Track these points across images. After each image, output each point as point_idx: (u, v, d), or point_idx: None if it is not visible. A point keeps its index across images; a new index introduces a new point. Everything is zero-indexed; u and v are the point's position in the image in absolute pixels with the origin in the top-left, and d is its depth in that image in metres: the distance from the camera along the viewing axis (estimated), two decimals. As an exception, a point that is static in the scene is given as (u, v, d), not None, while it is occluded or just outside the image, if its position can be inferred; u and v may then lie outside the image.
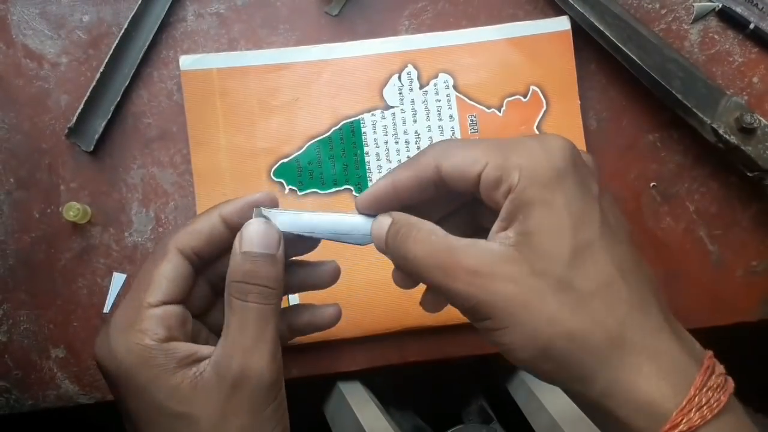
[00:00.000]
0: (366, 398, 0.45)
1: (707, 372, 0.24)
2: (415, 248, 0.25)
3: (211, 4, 0.45)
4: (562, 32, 0.44)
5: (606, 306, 0.24)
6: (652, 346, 0.24)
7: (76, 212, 0.42)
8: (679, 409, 0.23)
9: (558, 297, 0.24)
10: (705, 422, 0.23)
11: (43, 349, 0.44)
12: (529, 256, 0.24)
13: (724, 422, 0.23)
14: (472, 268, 0.24)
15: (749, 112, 0.41)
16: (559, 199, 0.24)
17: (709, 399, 0.23)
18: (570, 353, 0.24)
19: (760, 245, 0.45)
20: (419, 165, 0.27)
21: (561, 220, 0.24)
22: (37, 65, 0.44)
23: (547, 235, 0.24)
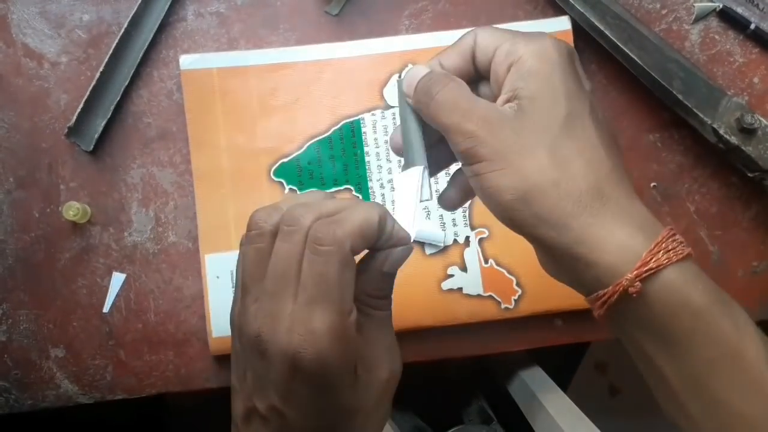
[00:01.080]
0: (366, 398, 0.45)
1: (671, 231, 0.27)
2: (444, 91, 0.29)
3: (211, 4, 0.45)
4: (562, 32, 0.44)
5: (589, 165, 0.27)
6: (626, 204, 0.28)
7: (76, 212, 0.42)
8: (648, 250, 0.26)
9: (550, 152, 0.27)
10: (670, 263, 0.26)
11: (42, 348, 0.43)
12: (530, 116, 0.28)
13: (687, 266, 0.27)
14: (484, 116, 0.28)
15: (750, 112, 0.41)
16: (558, 74, 0.28)
17: (675, 247, 0.26)
18: (551, 199, 0.27)
19: (760, 245, 0.45)
20: (462, 43, 0.31)
21: (557, 91, 0.28)
22: (37, 64, 0.44)
23: (544, 98, 0.28)
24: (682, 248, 0.27)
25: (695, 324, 0.27)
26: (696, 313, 0.26)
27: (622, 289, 0.26)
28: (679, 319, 0.27)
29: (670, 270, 0.26)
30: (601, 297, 0.27)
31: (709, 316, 0.27)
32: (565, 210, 0.27)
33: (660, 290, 0.26)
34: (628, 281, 0.26)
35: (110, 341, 0.43)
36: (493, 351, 0.44)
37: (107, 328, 0.44)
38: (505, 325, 0.43)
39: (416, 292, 0.43)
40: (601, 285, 0.27)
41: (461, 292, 0.43)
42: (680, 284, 0.26)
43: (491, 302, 0.43)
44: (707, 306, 0.27)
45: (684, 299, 0.26)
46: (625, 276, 0.26)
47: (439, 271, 0.43)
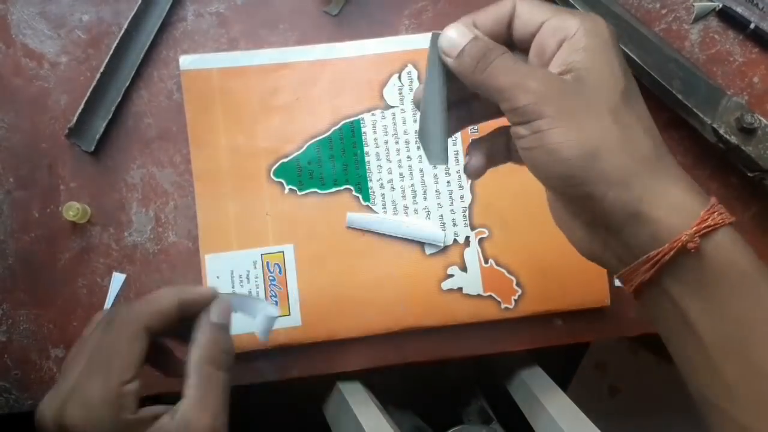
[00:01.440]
0: (366, 398, 0.45)
1: (716, 200, 0.28)
2: (502, 57, 0.29)
3: (211, 4, 0.45)
4: (562, 32, 0.44)
5: (647, 132, 0.28)
6: (677, 170, 0.28)
7: (76, 212, 0.42)
8: (705, 209, 0.27)
9: (614, 116, 0.28)
10: (723, 224, 0.27)
11: (42, 348, 0.43)
12: (591, 85, 0.28)
13: (733, 231, 0.27)
14: (546, 77, 0.28)
15: (749, 112, 0.41)
16: (612, 51, 0.29)
17: (724, 212, 0.27)
18: (617, 158, 0.27)
19: (760, 245, 0.45)
20: (500, 9, 0.31)
21: (614, 66, 0.28)
22: (37, 65, 0.44)
23: (604, 73, 0.28)
24: (728, 215, 0.27)
25: (742, 283, 0.27)
26: (744, 273, 0.27)
27: (681, 244, 0.27)
28: (728, 278, 0.27)
29: (723, 231, 0.27)
30: (652, 258, 0.27)
31: (754, 279, 0.27)
32: (630, 169, 0.27)
33: (713, 249, 0.27)
34: (687, 236, 0.26)
35: (110, 341, 0.44)
36: (493, 351, 0.44)
37: (107, 328, 0.44)
38: (505, 325, 0.43)
39: (416, 292, 0.43)
40: (657, 243, 0.27)
41: (461, 292, 0.43)
42: (731, 245, 0.27)
43: (491, 302, 0.43)
44: (754, 269, 0.27)
45: (734, 259, 0.27)
46: (683, 232, 0.27)
47: (439, 271, 0.43)
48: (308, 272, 0.43)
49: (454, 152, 0.44)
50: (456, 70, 0.30)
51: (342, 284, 0.43)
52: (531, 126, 0.28)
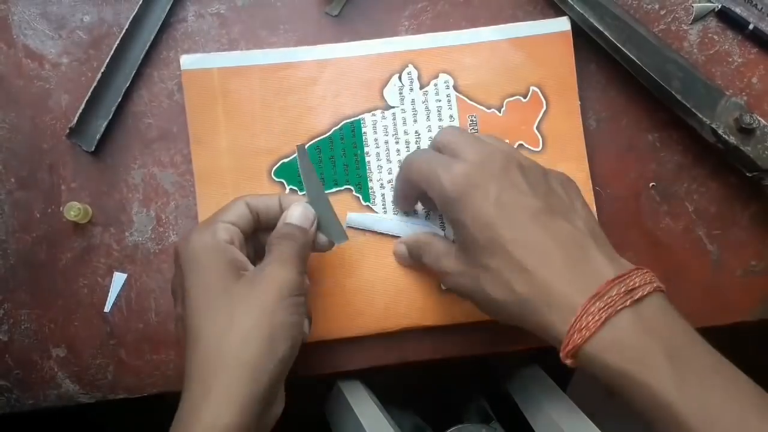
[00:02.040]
0: (366, 398, 0.45)
1: (591, 300, 0.30)
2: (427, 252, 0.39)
3: (211, 5, 0.45)
4: (562, 33, 0.44)
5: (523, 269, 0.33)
6: (557, 277, 0.32)
7: (77, 212, 0.42)
8: (566, 333, 0.31)
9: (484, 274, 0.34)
10: (584, 341, 0.30)
11: (43, 348, 0.44)
12: (464, 252, 0.35)
13: (609, 330, 0.30)
14: (446, 267, 0.37)
15: (748, 112, 0.41)
16: (467, 213, 0.34)
17: (594, 317, 0.30)
18: (514, 311, 0.33)
19: (759, 245, 0.45)
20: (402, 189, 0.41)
21: (469, 228, 0.34)
22: (38, 65, 0.44)
23: (463, 238, 0.35)
24: (602, 313, 0.30)
25: (620, 384, 0.30)
26: (617, 376, 0.30)
27: (564, 358, 0.31)
28: (609, 378, 0.31)
29: (588, 345, 0.30)
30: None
31: (628, 377, 0.30)
32: (516, 317, 0.34)
33: (586, 362, 0.31)
34: (562, 357, 0.31)
35: (111, 341, 0.44)
36: (493, 351, 0.44)
37: (108, 328, 0.44)
38: (505, 325, 0.43)
39: (416, 292, 0.43)
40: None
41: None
42: (596, 354, 0.30)
43: (491, 302, 0.43)
44: (624, 370, 0.30)
45: (604, 365, 0.30)
46: (560, 352, 0.31)
47: (439, 271, 0.43)
48: (308, 272, 0.43)
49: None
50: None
51: (342, 284, 0.43)
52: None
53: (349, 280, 0.43)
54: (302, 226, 0.37)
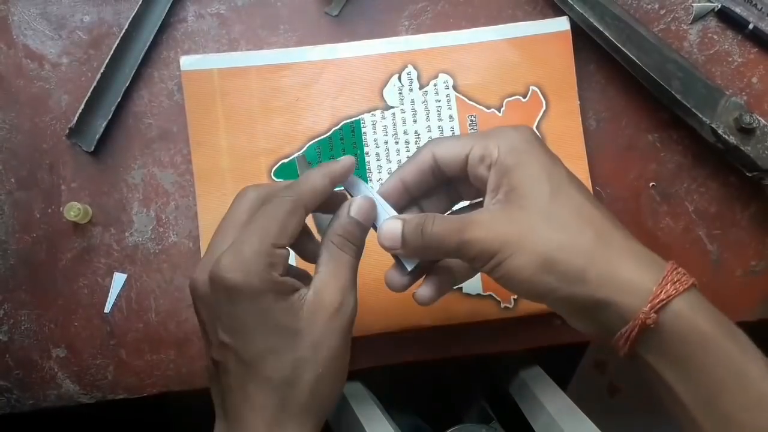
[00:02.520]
0: (366, 398, 0.45)
1: (674, 265, 0.30)
2: (433, 227, 0.32)
3: (211, 5, 0.45)
4: (561, 33, 0.44)
5: (584, 223, 0.31)
6: (626, 246, 0.31)
7: (77, 212, 0.42)
8: (657, 284, 0.29)
9: (547, 224, 0.31)
10: (678, 294, 0.29)
11: (43, 348, 0.44)
12: (518, 201, 0.31)
13: (693, 295, 0.30)
14: (479, 222, 0.31)
15: (748, 112, 0.41)
16: (533, 158, 0.32)
17: (680, 278, 0.30)
18: (564, 260, 0.30)
19: (759, 245, 0.45)
20: (419, 157, 0.34)
21: (536, 172, 0.31)
22: (38, 65, 0.44)
23: (528, 184, 0.31)
24: (686, 279, 0.30)
25: (704, 347, 0.29)
26: (703, 336, 0.29)
27: (641, 322, 0.29)
28: (690, 343, 0.30)
29: (678, 300, 0.29)
30: (624, 334, 0.30)
31: (715, 339, 0.29)
32: (578, 266, 0.30)
33: (672, 319, 0.29)
34: (644, 314, 0.29)
35: (111, 341, 0.44)
36: (493, 351, 0.44)
37: (108, 328, 0.44)
38: (504, 325, 0.44)
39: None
40: (624, 322, 0.30)
41: (461, 292, 0.43)
42: (688, 312, 0.29)
43: (491, 302, 0.43)
44: (713, 330, 0.29)
45: (693, 325, 0.29)
46: (640, 310, 0.29)
47: (438, 271, 0.43)
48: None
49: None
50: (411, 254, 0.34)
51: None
52: (489, 266, 0.31)
53: (349, 280, 0.43)
54: (365, 224, 0.34)
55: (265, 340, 0.31)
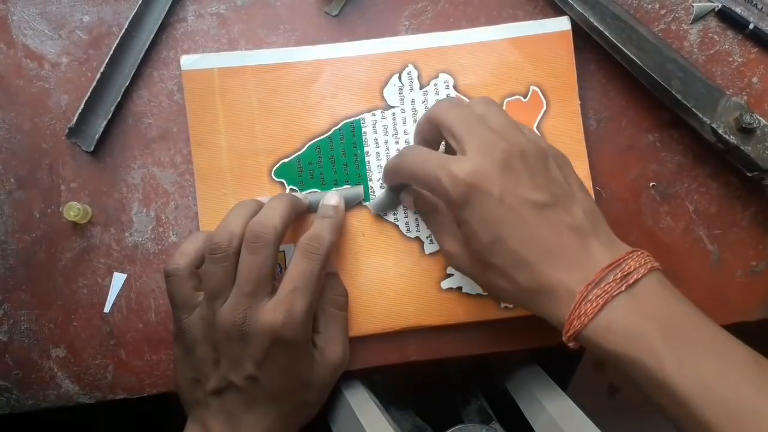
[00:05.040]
0: (366, 398, 0.45)
1: (588, 286, 0.32)
2: None
3: (211, 5, 0.45)
4: (562, 32, 0.44)
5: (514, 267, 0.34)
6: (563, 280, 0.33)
7: (77, 212, 0.42)
8: (566, 318, 0.32)
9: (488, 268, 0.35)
10: (583, 327, 0.32)
11: (43, 348, 0.44)
12: (467, 243, 0.36)
13: (603, 318, 0.32)
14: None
15: (749, 112, 0.41)
16: (471, 215, 0.34)
17: (589, 305, 0.32)
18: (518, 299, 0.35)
19: (759, 245, 0.45)
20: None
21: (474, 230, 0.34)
22: (37, 65, 0.44)
23: (468, 236, 0.35)
24: (597, 300, 0.32)
25: (618, 364, 0.32)
26: (614, 358, 0.32)
27: (565, 341, 0.33)
28: (608, 361, 0.32)
29: (587, 328, 0.32)
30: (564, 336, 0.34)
31: (623, 359, 0.32)
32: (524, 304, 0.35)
33: (584, 343, 0.33)
34: (565, 340, 0.33)
35: (111, 341, 0.44)
36: (493, 351, 0.44)
37: (108, 328, 0.44)
38: (504, 325, 0.44)
39: (415, 292, 0.43)
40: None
41: (460, 291, 0.43)
42: (594, 338, 0.32)
43: (490, 301, 0.43)
44: (619, 352, 0.31)
45: (602, 348, 0.32)
46: (563, 335, 0.33)
47: (438, 271, 0.43)
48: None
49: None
50: None
51: (342, 284, 0.43)
52: None
53: (350, 280, 0.43)
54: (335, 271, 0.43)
55: (287, 383, 0.38)
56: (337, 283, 0.42)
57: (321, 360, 0.39)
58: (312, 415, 0.41)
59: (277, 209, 0.38)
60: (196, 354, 0.38)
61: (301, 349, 0.38)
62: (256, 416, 0.38)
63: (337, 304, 0.41)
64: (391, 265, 0.43)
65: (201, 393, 0.38)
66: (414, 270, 0.43)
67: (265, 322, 0.36)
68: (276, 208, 0.38)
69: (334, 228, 0.39)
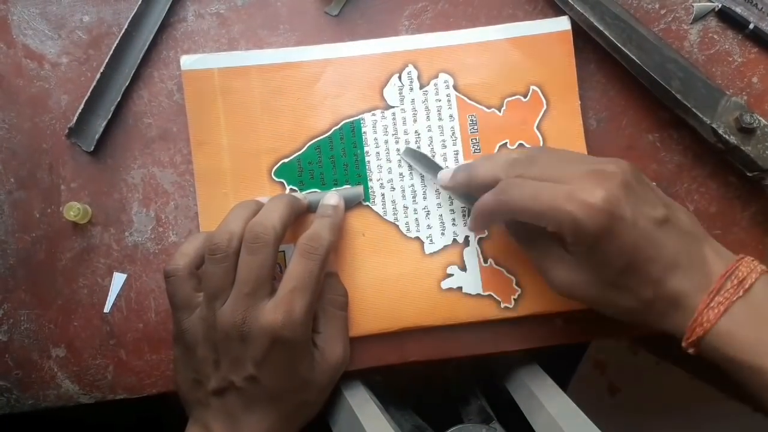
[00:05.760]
0: (366, 398, 0.45)
1: (712, 294, 0.33)
2: None
3: (211, 5, 0.45)
4: (562, 32, 0.44)
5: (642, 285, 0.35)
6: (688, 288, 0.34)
7: (77, 212, 0.42)
8: (688, 327, 0.33)
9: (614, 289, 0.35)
10: (705, 333, 0.33)
11: (43, 348, 0.44)
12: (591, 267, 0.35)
13: (728, 322, 0.33)
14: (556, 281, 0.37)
15: (749, 112, 0.41)
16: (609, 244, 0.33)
17: (713, 309, 0.33)
18: (639, 314, 0.35)
19: (759, 245, 0.45)
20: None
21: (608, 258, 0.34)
22: (37, 65, 0.44)
23: (597, 263, 0.35)
24: (718, 307, 0.33)
25: (738, 370, 0.33)
26: (735, 364, 0.33)
27: (685, 347, 0.34)
28: (728, 367, 0.33)
29: (709, 335, 0.33)
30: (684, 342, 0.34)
31: (743, 365, 0.32)
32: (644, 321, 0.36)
33: (706, 350, 0.34)
34: (685, 345, 0.34)
35: (111, 341, 0.44)
36: (493, 351, 0.44)
37: (108, 328, 0.44)
38: (505, 325, 0.44)
39: (416, 292, 0.43)
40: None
41: (461, 292, 0.43)
42: (715, 344, 0.33)
43: (491, 301, 0.43)
44: (740, 358, 0.32)
45: (722, 355, 0.33)
46: (683, 342, 0.34)
47: (438, 271, 0.43)
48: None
49: (454, 152, 0.44)
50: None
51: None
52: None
53: (350, 280, 0.43)
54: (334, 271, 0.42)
55: (287, 383, 0.38)
56: (337, 283, 0.42)
57: (321, 360, 0.39)
58: (312, 415, 0.41)
59: (277, 210, 0.38)
60: (197, 354, 0.38)
61: (301, 348, 0.38)
62: (257, 416, 0.38)
63: (337, 304, 0.41)
64: (391, 265, 0.43)
65: (202, 393, 0.39)
66: (414, 270, 0.43)
67: (264, 323, 0.36)
68: (275, 208, 0.38)
69: (333, 227, 0.39)
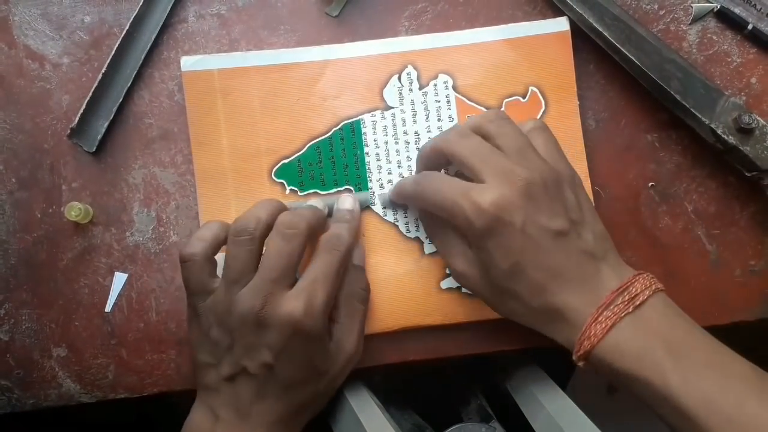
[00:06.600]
0: (366, 398, 0.45)
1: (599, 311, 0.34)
2: None
3: (212, 5, 0.45)
4: (561, 33, 0.44)
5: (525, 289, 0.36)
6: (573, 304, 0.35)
7: (78, 212, 0.42)
8: (577, 339, 0.34)
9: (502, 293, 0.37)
10: (593, 347, 0.34)
11: (44, 348, 0.44)
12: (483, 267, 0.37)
13: (611, 340, 0.34)
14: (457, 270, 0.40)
15: (747, 112, 0.41)
16: (493, 245, 0.35)
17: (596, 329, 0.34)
18: (529, 321, 0.37)
19: (758, 245, 0.45)
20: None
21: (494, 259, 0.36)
22: (38, 66, 0.44)
23: (486, 262, 0.36)
24: (606, 322, 0.33)
25: (626, 382, 0.34)
26: (622, 376, 0.34)
27: (575, 361, 0.35)
28: (615, 379, 0.34)
29: (596, 348, 0.34)
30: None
31: (630, 376, 0.34)
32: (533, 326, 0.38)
33: (594, 362, 0.35)
34: (576, 358, 0.35)
35: (112, 340, 0.44)
36: (493, 350, 0.44)
37: (109, 328, 0.44)
38: (505, 325, 0.44)
39: (415, 291, 0.43)
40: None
41: (460, 291, 0.43)
42: (603, 357, 0.34)
43: (491, 301, 0.43)
44: (627, 370, 0.34)
45: (610, 367, 0.34)
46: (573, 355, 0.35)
47: (438, 270, 0.43)
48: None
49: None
50: None
51: (342, 284, 0.43)
52: None
53: (349, 279, 0.43)
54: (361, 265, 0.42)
55: (301, 373, 0.37)
56: (362, 276, 0.42)
57: (336, 350, 0.39)
58: (319, 409, 0.41)
59: (308, 211, 0.39)
60: (210, 337, 0.38)
61: (318, 339, 0.37)
62: (267, 406, 0.38)
63: (359, 297, 0.41)
64: (391, 265, 0.43)
65: (214, 377, 0.38)
66: (414, 270, 0.43)
67: (284, 311, 0.35)
68: (306, 212, 0.39)
69: (352, 231, 0.40)
